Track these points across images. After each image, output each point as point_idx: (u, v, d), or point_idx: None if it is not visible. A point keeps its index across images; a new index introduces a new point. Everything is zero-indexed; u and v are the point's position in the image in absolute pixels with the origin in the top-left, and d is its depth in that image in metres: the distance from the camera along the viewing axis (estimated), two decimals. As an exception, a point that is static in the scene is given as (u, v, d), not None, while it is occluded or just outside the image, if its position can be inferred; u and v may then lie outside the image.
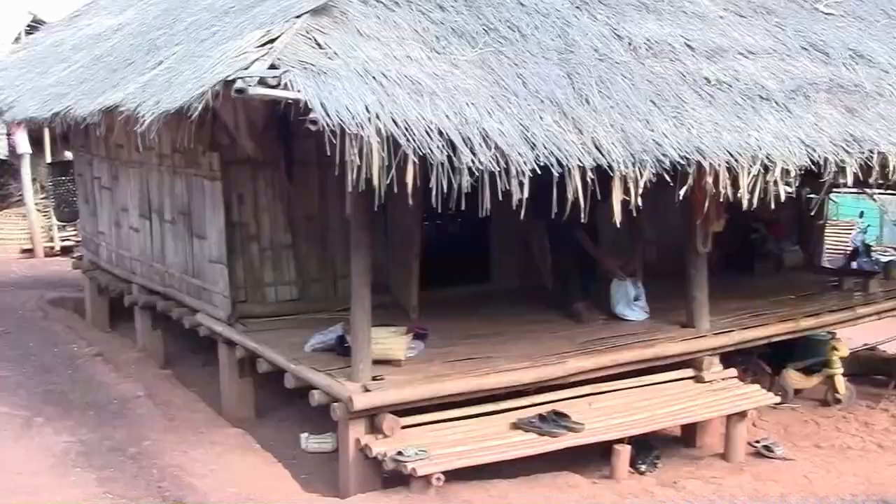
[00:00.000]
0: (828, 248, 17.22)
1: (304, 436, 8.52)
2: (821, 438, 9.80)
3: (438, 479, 7.15)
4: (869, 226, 24.62)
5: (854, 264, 19.75)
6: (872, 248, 23.13)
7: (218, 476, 7.83)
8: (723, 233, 9.37)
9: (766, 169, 7.29)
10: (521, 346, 8.75)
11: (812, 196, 11.82)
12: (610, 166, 6.75)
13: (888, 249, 24.92)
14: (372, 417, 7.49)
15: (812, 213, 12.76)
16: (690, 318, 9.33)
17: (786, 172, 7.36)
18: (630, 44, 8.02)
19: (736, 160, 7.20)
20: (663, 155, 6.96)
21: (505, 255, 10.97)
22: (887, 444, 9.85)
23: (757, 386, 9.43)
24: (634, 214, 6.95)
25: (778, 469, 8.76)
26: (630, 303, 9.80)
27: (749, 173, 7.22)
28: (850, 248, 22.25)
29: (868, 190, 14.36)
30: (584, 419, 8.02)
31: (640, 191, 6.84)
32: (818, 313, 10.29)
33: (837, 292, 11.39)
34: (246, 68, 6.31)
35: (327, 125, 5.98)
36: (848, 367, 10.86)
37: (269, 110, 7.57)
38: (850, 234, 23.79)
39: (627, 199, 6.83)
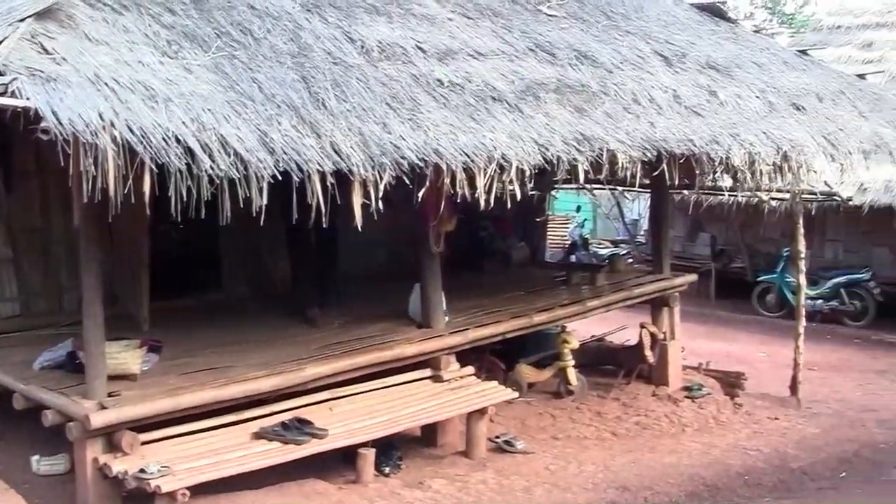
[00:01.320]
0: (548, 243, 18.11)
1: (34, 458, 8.30)
2: (557, 430, 10.43)
3: (184, 494, 7.15)
4: (585, 220, 25.99)
5: (573, 258, 20.89)
6: (589, 242, 24.49)
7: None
8: (453, 232, 9.82)
9: (502, 169, 7.64)
10: (258, 354, 8.84)
11: (535, 193, 12.44)
12: (350, 170, 6.92)
13: (603, 242, 26.36)
14: (110, 435, 7.42)
15: (535, 210, 13.49)
16: (426, 319, 9.68)
17: (521, 172, 7.74)
18: (363, 47, 8.25)
19: (472, 161, 7.49)
20: (402, 157, 7.17)
21: (237, 262, 11.06)
22: (620, 431, 10.61)
23: (494, 383, 9.90)
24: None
25: (520, 463, 9.27)
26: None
27: (486, 174, 7.55)
28: (569, 242, 23.47)
29: (585, 185, 15.26)
30: (328, 425, 8.23)
31: (381, 194, 7.08)
32: (550, 308, 10.87)
33: (566, 286, 12.06)
34: (-31, 76, 6.12)
35: (60, 134, 5.88)
36: (578, 358, 11.55)
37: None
38: (567, 228, 25.03)
39: (368, 202, 7.05)
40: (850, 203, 17.85)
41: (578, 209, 24.79)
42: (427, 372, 9.46)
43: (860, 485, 9.80)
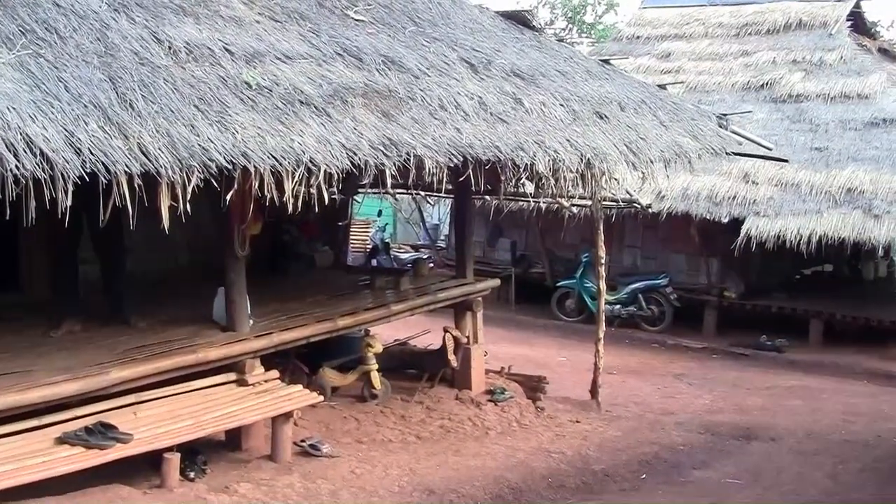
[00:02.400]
0: (350, 247, 18.42)
1: None
2: (362, 434, 10.72)
3: (-18, 502, 7.19)
4: (387, 224, 26.40)
5: (375, 262, 21.26)
6: (390, 246, 24.91)
7: None
8: (258, 235, 10.03)
9: (310, 173, 7.84)
10: (61, 357, 8.83)
11: (338, 197, 12.69)
12: (158, 172, 6.99)
13: (404, 247, 26.84)
14: None
15: (339, 214, 13.75)
16: (231, 322, 9.81)
17: (329, 176, 7.97)
18: (170, 48, 8.31)
19: (280, 164, 7.66)
20: (210, 160, 7.27)
21: (37, 263, 10.93)
22: (425, 434, 10.96)
23: (299, 386, 10.11)
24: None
25: (326, 467, 9.51)
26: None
27: (294, 177, 7.75)
28: (370, 246, 23.84)
29: (389, 190, 15.59)
30: (133, 429, 8.29)
31: (189, 196, 7.22)
32: (354, 312, 11.16)
33: (370, 291, 12.35)
34: None
35: None
36: (382, 362, 11.88)
37: None
38: (369, 232, 25.39)
39: (175, 204, 7.17)
40: (649, 210, 18.75)
41: (380, 213, 25.16)
42: (232, 376, 9.59)
43: (660, 486, 10.40)
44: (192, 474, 8.77)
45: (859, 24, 24.39)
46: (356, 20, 10.61)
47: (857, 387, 16.62)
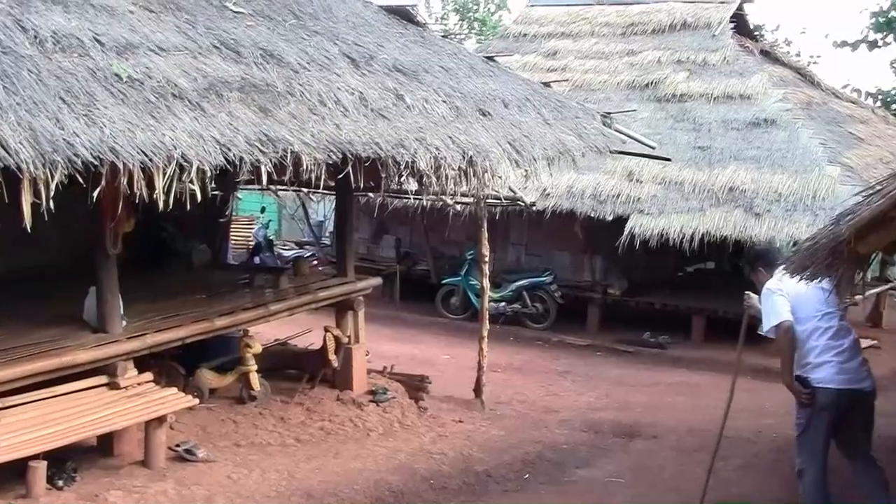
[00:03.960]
0: (231, 245, 18.13)
1: None
2: (240, 437, 10.49)
3: None
4: (270, 221, 26.15)
5: (257, 259, 21.01)
6: (274, 244, 24.68)
7: None
8: (132, 233, 9.72)
9: (182, 168, 7.58)
10: (-84, 362, 8.44)
11: (217, 193, 12.43)
12: (18, 167, 6.69)
13: (288, 244, 26.61)
14: None
15: (218, 211, 13.47)
16: (102, 323, 9.51)
17: (202, 172, 7.71)
18: (36, 37, 7.95)
19: (151, 160, 7.37)
20: (75, 155, 6.98)
21: None
22: (304, 437, 10.78)
23: (174, 389, 9.89)
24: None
25: (201, 472, 9.28)
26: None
27: (164, 173, 7.47)
28: (252, 244, 23.58)
29: (270, 186, 15.36)
30: (-3, 436, 7.98)
31: (52, 193, 6.92)
32: (232, 312, 10.93)
33: (249, 290, 12.13)
34: None
35: None
36: (261, 363, 11.64)
37: None
38: (251, 229, 25.10)
39: (39, 201, 6.89)
40: (534, 208, 18.76)
41: (263, 210, 24.89)
42: (103, 379, 9.29)
43: (543, 485, 10.36)
44: (60, 482, 8.47)
45: (742, 26, 24.80)
46: (235, 12, 10.35)
47: (739, 383, 16.72)
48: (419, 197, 17.90)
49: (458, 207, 18.43)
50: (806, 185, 18.32)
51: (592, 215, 18.95)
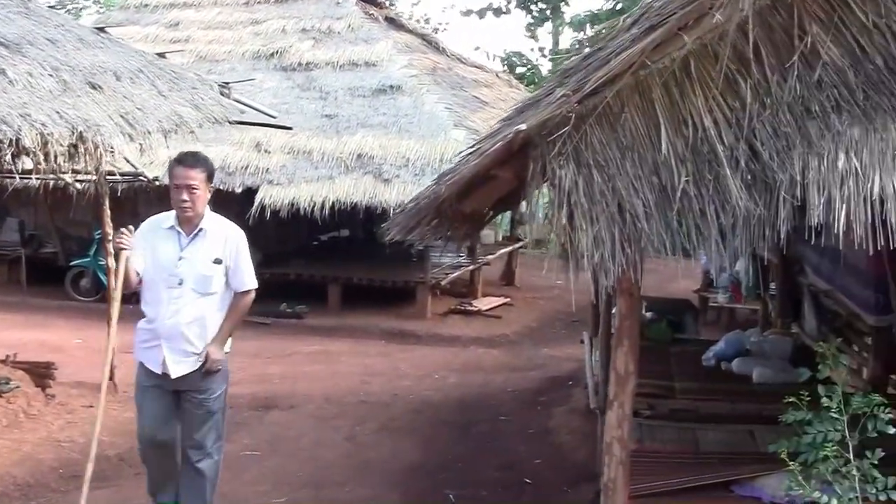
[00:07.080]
0: None
1: None
2: None
3: None
4: None
5: None
6: None
7: None
8: None
9: None
10: None
11: None
12: None
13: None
14: None
15: None
16: None
17: None
18: None
19: None
20: None
21: None
22: None
23: None
24: None
25: None
26: None
27: None
28: None
29: None
30: None
31: None
32: None
33: None
34: None
35: None
36: None
37: None
38: None
39: None
40: (157, 183, 18.38)
41: None
42: None
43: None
44: None
45: (368, -7, 25.14)
46: None
47: (375, 347, 17.20)
48: (39, 177, 17.17)
49: (79, 186, 17.78)
50: (433, 150, 18.88)
51: (222, 188, 18.70)
